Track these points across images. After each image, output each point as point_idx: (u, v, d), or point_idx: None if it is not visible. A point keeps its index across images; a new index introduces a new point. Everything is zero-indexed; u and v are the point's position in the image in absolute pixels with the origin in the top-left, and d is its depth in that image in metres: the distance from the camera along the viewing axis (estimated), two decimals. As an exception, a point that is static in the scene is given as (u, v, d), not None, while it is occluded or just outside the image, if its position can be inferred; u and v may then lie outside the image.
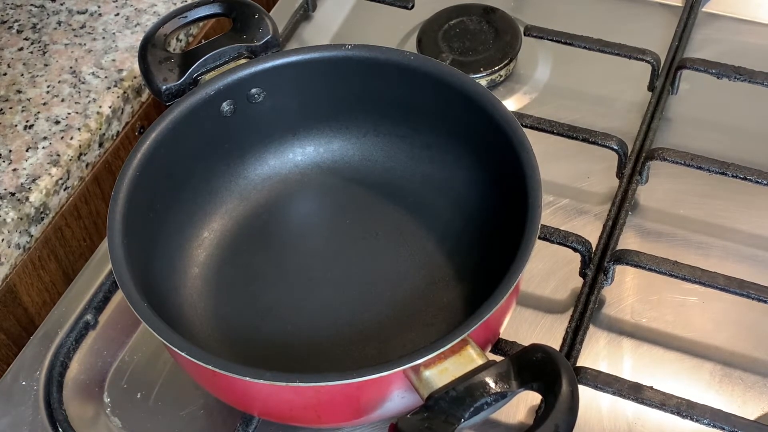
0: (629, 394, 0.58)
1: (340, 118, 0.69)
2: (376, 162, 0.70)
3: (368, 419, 0.56)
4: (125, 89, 0.77)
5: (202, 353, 0.51)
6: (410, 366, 0.49)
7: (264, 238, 0.66)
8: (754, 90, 0.73)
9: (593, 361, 0.62)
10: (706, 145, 0.72)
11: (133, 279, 0.54)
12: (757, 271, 0.65)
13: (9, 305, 0.70)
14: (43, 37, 0.80)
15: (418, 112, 0.66)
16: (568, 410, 0.47)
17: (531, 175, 0.57)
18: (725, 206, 0.69)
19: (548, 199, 0.70)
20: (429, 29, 0.81)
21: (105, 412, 0.62)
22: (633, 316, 0.64)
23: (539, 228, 0.54)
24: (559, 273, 0.66)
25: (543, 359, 0.49)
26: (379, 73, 0.65)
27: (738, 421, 0.56)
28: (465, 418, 0.48)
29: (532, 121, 0.71)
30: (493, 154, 0.62)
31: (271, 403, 0.55)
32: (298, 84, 0.67)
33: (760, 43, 0.80)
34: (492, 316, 0.51)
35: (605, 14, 0.84)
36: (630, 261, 0.63)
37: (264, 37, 0.67)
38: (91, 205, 0.76)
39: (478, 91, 0.62)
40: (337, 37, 0.85)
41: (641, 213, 0.70)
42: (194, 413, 0.62)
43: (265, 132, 0.68)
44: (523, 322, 0.64)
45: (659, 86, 0.76)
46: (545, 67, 0.81)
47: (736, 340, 0.63)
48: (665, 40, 0.79)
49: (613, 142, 0.69)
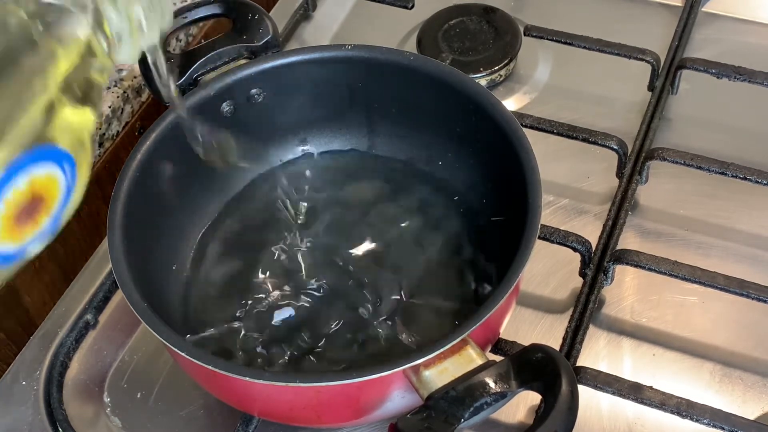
0: (629, 394, 0.58)
1: (340, 118, 0.69)
2: (376, 162, 0.70)
3: (368, 419, 0.56)
4: (125, 89, 0.77)
5: (202, 353, 0.51)
6: (410, 366, 0.49)
7: (264, 238, 0.66)
8: (754, 90, 0.73)
9: (593, 361, 0.62)
10: (706, 145, 0.72)
11: (133, 279, 0.54)
12: (757, 271, 0.65)
13: (9, 305, 0.70)
14: (43, 37, 0.80)
15: (418, 112, 0.66)
16: (567, 410, 0.47)
17: (531, 175, 0.57)
18: (725, 206, 0.69)
19: (548, 199, 0.70)
20: (429, 29, 0.81)
21: (105, 412, 0.62)
22: (633, 316, 0.64)
23: (539, 228, 0.54)
24: (559, 273, 0.66)
25: (543, 359, 0.49)
26: (379, 73, 0.65)
27: (738, 421, 0.56)
28: (465, 418, 0.48)
29: (532, 121, 0.71)
30: (493, 154, 0.62)
31: (271, 403, 0.55)
32: (298, 84, 0.67)
33: (760, 43, 0.80)
34: (492, 316, 0.51)
35: (605, 14, 0.84)
36: (630, 261, 0.63)
37: (264, 38, 0.67)
38: (91, 205, 0.76)
39: (478, 91, 0.62)
40: (337, 37, 0.85)
41: (641, 213, 0.70)
42: (194, 413, 0.62)
43: (265, 132, 0.68)
44: (523, 322, 0.64)
45: (659, 86, 0.76)
46: (545, 67, 0.81)
47: (736, 340, 0.63)
48: (665, 40, 0.79)
49: (613, 142, 0.70)
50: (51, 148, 0.36)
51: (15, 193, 0.35)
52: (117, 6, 0.39)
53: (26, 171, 0.35)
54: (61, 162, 0.37)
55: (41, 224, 0.37)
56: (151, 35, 0.42)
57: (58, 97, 0.36)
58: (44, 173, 0.36)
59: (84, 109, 0.38)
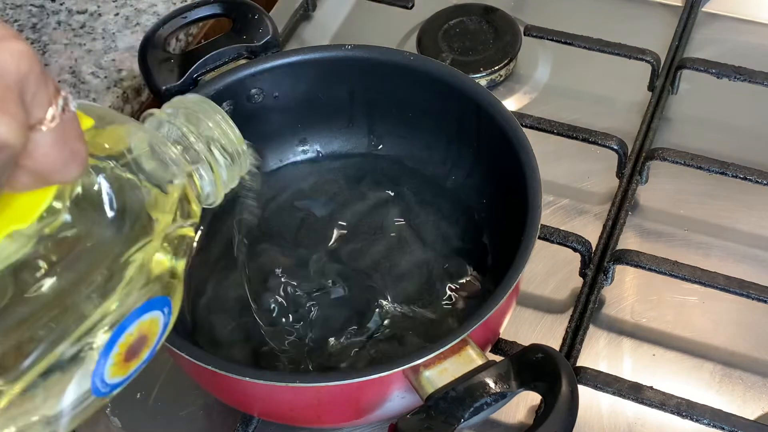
0: (629, 394, 0.58)
1: (340, 118, 0.69)
2: (376, 162, 0.70)
3: (368, 419, 0.56)
4: (125, 89, 0.77)
5: (202, 353, 0.51)
6: (410, 366, 0.49)
7: (263, 238, 0.66)
8: (754, 90, 0.73)
9: (593, 361, 0.62)
10: (706, 145, 0.72)
11: (133, 279, 0.54)
12: (757, 271, 0.65)
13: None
14: (42, 37, 0.80)
15: (418, 112, 0.66)
16: (567, 410, 0.47)
17: (531, 175, 0.57)
18: (725, 206, 0.69)
19: (548, 199, 0.70)
20: (429, 29, 0.81)
21: (105, 412, 0.62)
22: (633, 316, 0.64)
23: (539, 228, 0.54)
24: (559, 273, 0.66)
25: (543, 359, 0.49)
26: (379, 73, 0.65)
27: (738, 421, 0.56)
28: (465, 419, 0.48)
29: (532, 121, 0.71)
30: (493, 155, 0.62)
31: (271, 403, 0.55)
32: (298, 84, 0.67)
33: (760, 43, 0.80)
34: (492, 316, 0.51)
35: (605, 14, 0.84)
36: (630, 261, 0.63)
37: (264, 38, 0.67)
38: (91, 206, 0.76)
39: (478, 91, 0.62)
40: (337, 37, 0.85)
41: (641, 213, 0.70)
42: (194, 413, 0.62)
43: (265, 132, 0.68)
44: (523, 322, 0.64)
45: (659, 86, 0.76)
46: (545, 67, 0.81)
47: (736, 340, 0.63)
48: (665, 40, 0.79)
49: (613, 142, 0.69)
50: (158, 298, 0.41)
51: (127, 338, 0.40)
52: (208, 167, 0.45)
53: (138, 319, 0.40)
54: (162, 307, 0.42)
55: (143, 357, 0.42)
56: (231, 184, 0.47)
57: (164, 247, 0.41)
58: (149, 318, 0.41)
59: (182, 260, 0.43)
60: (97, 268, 0.38)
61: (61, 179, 0.35)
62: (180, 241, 0.43)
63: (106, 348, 0.39)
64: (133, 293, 0.40)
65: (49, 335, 0.37)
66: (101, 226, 0.39)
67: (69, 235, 0.37)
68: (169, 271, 0.42)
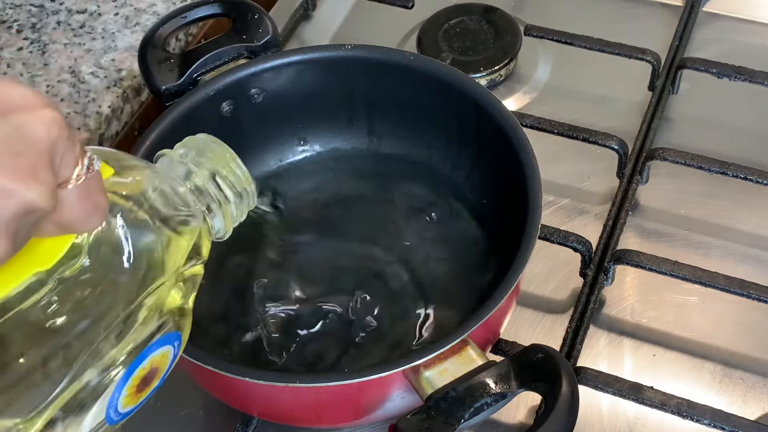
0: (629, 395, 0.58)
1: (340, 118, 0.69)
2: (376, 162, 0.70)
3: (368, 420, 0.56)
4: (125, 89, 0.77)
5: (202, 353, 0.51)
6: (410, 366, 0.49)
7: (263, 238, 0.66)
8: (755, 90, 0.73)
9: (593, 361, 0.62)
10: (706, 144, 0.72)
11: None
12: (757, 271, 0.65)
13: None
14: (42, 37, 0.80)
15: (418, 112, 0.66)
16: (568, 411, 0.47)
17: (531, 175, 0.57)
18: (725, 206, 0.69)
19: (548, 199, 0.70)
20: (429, 29, 0.81)
21: (105, 412, 0.62)
22: (633, 316, 0.64)
23: (539, 228, 0.54)
24: (560, 273, 0.66)
25: (543, 360, 0.49)
26: (379, 73, 0.65)
27: (738, 422, 0.56)
28: (465, 419, 0.48)
29: (532, 121, 0.71)
30: (493, 155, 0.62)
31: (271, 403, 0.55)
32: (298, 84, 0.66)
33: (760, 42, 0.80)
34: (492, 317, 0.51)
35: (605, 14, 0.84)
36: (630, 261, 0.63)
37: (264, 37, 0.67)
38: (91, 205, 0.76)
39: (478, 91, 0.62)
40: (337, 37, 0.85)
41: (641, 213, 0.70)
42: (194, 413, 0.62)
43: (265, 132, 0.68)
44: (523, 322, 0.64)
45: (659, 86, 0.76)
46: (545, 67, 0.81)
47: (736, 340, 0.63)
48: (665, 39, 0.79)
49: (614, 142, 0.69)
50: (170, 334, 0.43)
51: (140, 371, 0.42)
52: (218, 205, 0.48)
53: (151, 355, 0.42)
54: (173, 341, 0.44)
55: (153, 386, 0.44)
56: (240, 219, 0.50)
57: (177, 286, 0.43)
58: (161, 352, 0.43)
59: (192, 297, 0.45)
60: (114, 309, 0.40)
61: (83, 229, 0.37)
62: (191, 279, 0.45)
63: (120, 383, 0.41)
64: (146, 332, 0.42)
65: (67, 374, 0.38)
66: (118, 269, 0.40)
67: (87, 277, 0.39)
68: (180, 307, 0.44)
